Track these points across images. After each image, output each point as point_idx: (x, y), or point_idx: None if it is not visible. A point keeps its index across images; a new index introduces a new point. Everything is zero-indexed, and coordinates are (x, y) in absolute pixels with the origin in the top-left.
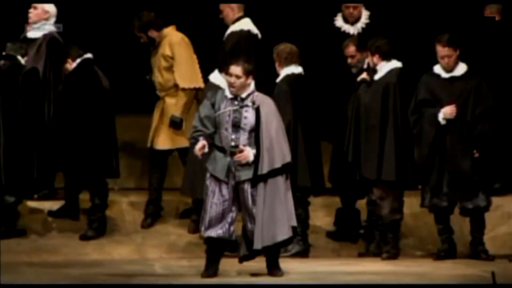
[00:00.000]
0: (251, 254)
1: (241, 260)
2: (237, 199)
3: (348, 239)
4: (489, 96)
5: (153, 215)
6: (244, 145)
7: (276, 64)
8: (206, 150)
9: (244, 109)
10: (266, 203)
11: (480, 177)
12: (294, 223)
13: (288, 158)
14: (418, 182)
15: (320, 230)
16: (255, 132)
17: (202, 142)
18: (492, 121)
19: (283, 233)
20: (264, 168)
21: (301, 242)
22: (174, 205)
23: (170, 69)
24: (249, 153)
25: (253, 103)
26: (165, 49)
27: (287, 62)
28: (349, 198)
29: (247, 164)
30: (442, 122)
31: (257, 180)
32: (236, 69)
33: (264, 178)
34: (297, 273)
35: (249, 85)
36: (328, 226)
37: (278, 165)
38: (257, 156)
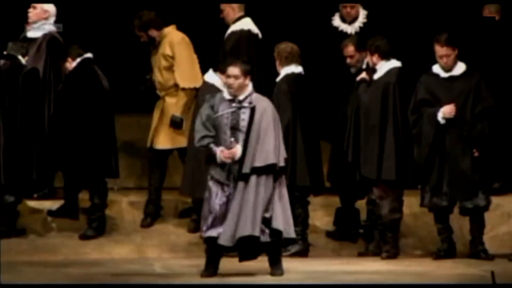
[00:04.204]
0: (251, 254)
1: (241, 259)
2: None
3: (348, 238)
4: (488, 95)
5: (152, 215)
6: (237, 143)
7: (277, 63)
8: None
9: (242, 110)
10: (238, 200)
11: (480, 177)
12: (277, 225)
13: (272, 160)
14: (417, 182)
15: (319, 229)
16: (246, 132)
17: (220, 150)
18: (492, 120)
19: (244, 231)
20: (247, 167)
21: (300, 242)
22: (173, 205)
23: (170, 68)
24: (237, 151)
25: (250, 103)
26: (165, 49)
27: (288, 62)
28: (349, 198)
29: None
30: (442, 121)
31: (240, 178)
32: (234, 70)
33: (247, 177)
34: (297, 273)
35: (247, 86)
36: (328, 225)
37: (258, 164)
38: (243, 155)
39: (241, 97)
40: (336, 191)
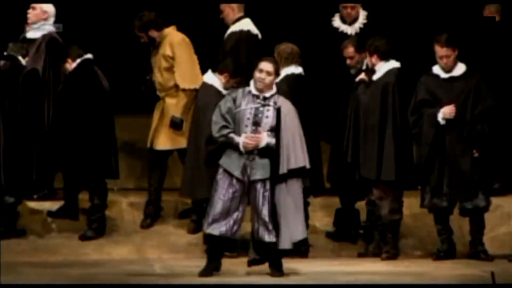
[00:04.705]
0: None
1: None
2: (248, 198)
3: (348, 239)
4: (488, 96)
5: (152, 215)
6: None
7: None
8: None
9: (266, 108)
10: (289, 202)
11: (480, 177)
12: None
13: (301, 163)
14: (417, 182)
15: (319, 230)
16: (276, 133)
17: (245, 135)
18: (492, 121)
19: (298, 235)
20: (284, 168)
21: None
22: (173, 205)
23: (170, 69)
24: (263, 139)
25: (275, 103)
26: (165, 49)
27: (288, 62)
28: (349, 198)
29: (259, 158)
30: (442, 122)
31: (277, 179)
32: (267, 66)
33: (284, 178)
34: (297, 273)
35: (273, 84)
36: (328, 226)
37: (293, 166)
38: (277, 155)
39: (267, 94)
40: (336, 192)
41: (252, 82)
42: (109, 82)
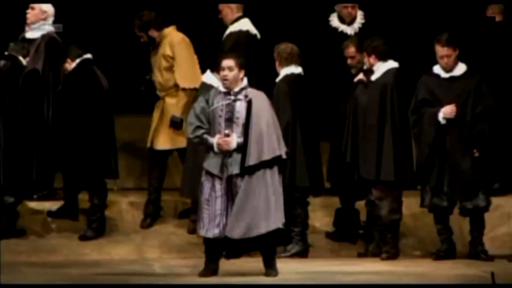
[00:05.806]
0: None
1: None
2: (232, 195)
3: (348, 239)
4: (488, 95)
5: (152, 215)
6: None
7: (276, 64)
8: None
9: (237, 103)
10: (249, 194)
11: (480, 177)
12: (279, 221)
13: (278, 152)
14: (416, 182)
15: (319, 230)
16: (245, 125)
17: (218, 137)
18: (492, 120)
19: (260, 228)
20: (252, 160)
21: (300, 243)
22: (173, 205)
23: (170, 69)
24: (232, 141)
25: (246, 96)
26: (165, 49)
27: (287, 62)
28: (348, 198)
29: (236, 153)
30: (442, 122)
31: (244, 171)
32: (228, 62)
33: (252, 170)
34: (297, 273)
35: (241, 79)
36: (327, 226)
37: (267, 157)
38: (245, 147)
39: (236, 89)
40: (336, 192)
41: (220, 83)
42: (109, 82)
